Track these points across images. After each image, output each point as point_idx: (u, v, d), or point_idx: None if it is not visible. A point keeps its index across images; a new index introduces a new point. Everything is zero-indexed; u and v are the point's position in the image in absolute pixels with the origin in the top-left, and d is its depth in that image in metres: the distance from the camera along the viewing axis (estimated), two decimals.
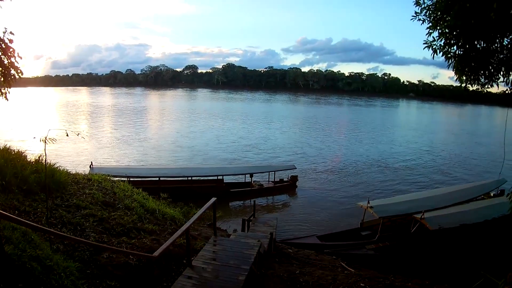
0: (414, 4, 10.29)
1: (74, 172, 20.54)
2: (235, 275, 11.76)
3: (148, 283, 10.65)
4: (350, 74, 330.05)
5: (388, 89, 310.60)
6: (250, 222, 26.35)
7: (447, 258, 25.44)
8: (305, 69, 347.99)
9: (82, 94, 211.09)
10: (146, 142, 67.33)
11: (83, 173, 21.49)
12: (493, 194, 36.52)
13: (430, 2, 10.15)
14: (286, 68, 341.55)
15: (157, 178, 36.46)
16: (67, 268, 9.17)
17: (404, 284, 15.84)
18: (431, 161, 62.88)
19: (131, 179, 32.58)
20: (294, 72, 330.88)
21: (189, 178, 38.27)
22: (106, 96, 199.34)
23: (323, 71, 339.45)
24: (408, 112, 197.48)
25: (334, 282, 14.43)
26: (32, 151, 18.76)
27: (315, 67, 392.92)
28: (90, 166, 34.83)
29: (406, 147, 75.55)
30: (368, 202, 28.28)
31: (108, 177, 21.47)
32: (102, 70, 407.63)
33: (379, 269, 19.48)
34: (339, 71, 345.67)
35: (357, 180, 48.19)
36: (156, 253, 9.91)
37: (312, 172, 50.43)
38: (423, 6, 10.20)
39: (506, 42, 8.70)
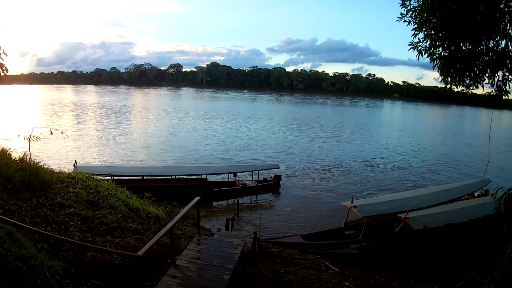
0: (400, 5, 10.41)
1: (58, 170, 20.51)
2: (220, 274, 11.80)
3: (132, 282, 10.69)
4: (334, 74, 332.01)
5: (373, 89, 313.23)
6: (234, 221, 26.47)
7: (432, 257, 25.71)
8: (289, 69, 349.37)
9: (67, 92, 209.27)
10: (130, 141, 67.05)
11: (67, 172, 21.47)
12: (478, 194, 36.84)
13: (416, 3, 10.27)
14: (271, 68, 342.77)
15: (141, 177, 36.45)
16: (52, 268, 9.16)
17: (388, 283, 15.96)
18: (418, 161, 63.48)
19: (115, 177, 32.52)
20: (279, 71, 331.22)
21: (173, 177, 38.18)
22: (91, 94, 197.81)
23: (308, 71, 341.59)
24: (394, 112, 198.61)
25: (319, 281, 14.52)
26: (17, 149, 18.73)
27: (299, 67, 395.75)
28: (74, 165, 34.68)
29: (393, 147, 76.16)
30: (352, 202, 28.38)
31: (92, 176, 21.44)
32: (87, 68, 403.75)
33: (363, 268, 19.62)
34: (324, 71, 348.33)
35: (341, 179, 48.38)
36: (140, 253, 9.96)
37: (296, 171, 50.59)
38: (409, 7, 10.32)
39: (492, 44, 8.81)
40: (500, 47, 8.47)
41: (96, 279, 10.46)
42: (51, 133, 10.80)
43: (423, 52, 9.48)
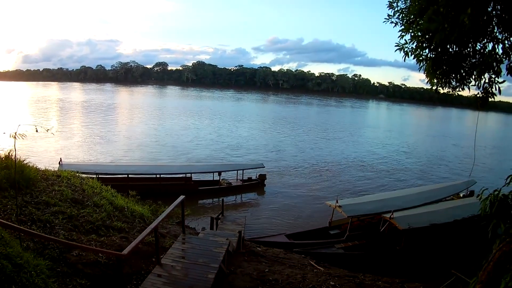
0: (387, 7, 10.45)
1: (43, 168, 20.40)
2: (205, 273, 11.83)
3: (118, 281, 10.66)
4: (320, 74, 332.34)
5: (358, 90, 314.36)
6: (219, 220, 26.39)
7: (418, 257, 25.88)
8: (275, 68, 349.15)
9: (53, 90, 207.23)
10: (116, 139, 66.59)
11: (53, 170, 21.37)
12: (463, 195, 37.11)
13: (403, 5, 10.32)
14: (256, 67, 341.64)
15: (126, 175, 36.36)
16: (38, 266, 9.10)
17: (374, 282, 16.04)
18: (407, 162, 63.91)
19: (99, 176, 32.32)
20: (264, 71, 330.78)
21: (158, 176, 38.06)
22: (77, 92, 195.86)
23: (293, 70, 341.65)
24: (381, 113, 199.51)
25: (304, 281, 14.56)
26: (2, 147, 18.59)
27: (285, 67, 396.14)
28: (59, 163, 34.43)
29: (381, 148, 76.45)
30: (337, 201, 28.46)
31: (77, 174, 21.37)
32: (73, 65, 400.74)
33: (348, 268, 19.70)
34: (309, 71, 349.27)
35: (327, 179, 48.55)
36: (125, 251, 9.92)
37: (282, 171, 50.59)
38: (396, 9, 10.36)
39: (479, 47, 8.86)
40: (487, 50, 8.52)
41: (82, 278, 10.45)
42: (37, 131, 10.74)
43: (410, 54, 9.43)
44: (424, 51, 9.20)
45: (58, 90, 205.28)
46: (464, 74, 9.34)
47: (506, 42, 8.24)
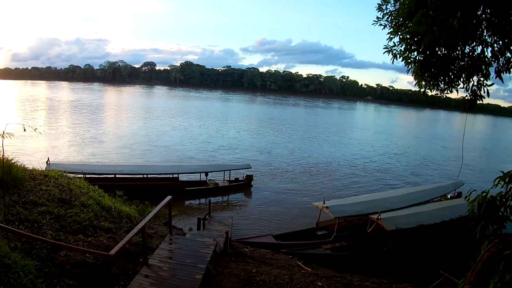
0: (377, 9, 10.47)
1: (31, 168, 20.29)
2: (192, 274, 11.82)
3: (105, 281, 10.62)
4: (308, 75, 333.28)
5: (346, 91, 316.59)
6: (206, 221, 26.41)
7: (405, 258, 25.98)
8: (263, 69, 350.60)
9: (42, 89, 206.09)
10: (104, 139, 66.03)
11: (40, 169, 21.26)
12: (450, 196, 37.36)
13: (392, 8, 10.35)
14: (244, 68, 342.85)
15: (113, 175, 36.19)
16: (26, 267, 9.07)
17: (362, 283, 16.10)
18: (398, 164, 64.50)
19: (87, 175, 32.21)
20: (252, 72, 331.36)
21: (145, 176, 37.91)
22: (65, 91, 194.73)
23: (281, 72, 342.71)
24: (370, 115, 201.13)
25: (291, 281, 14.58)
26: None
27: (273, 68, 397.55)
28: (47, 162, 34.18)
29: (370, 149, 77.00)
30: (324, 202, 28.52)
31: (65, 174, 21.28)
32: (61, 64, 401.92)
33: (336, 269, 19.76)
34: (297, 72, 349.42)
35: (314, 180, 48.61)
36: (112, 252, 9.93)
37: (269, 171, 50.60)
38: (385, 11, 10.38)
39: (468, 50, 8.88)
40: (476, 53, 8.55)
41: (70, 278, 10.40)
42: (24, 130, 10.70)
43: (398, 56, 9.43)
44: (412, 54, 9.20)
45: (47, 89, 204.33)
46: (452, 76, 9.35)
47: (495, 45, 8.27)
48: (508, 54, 8.31)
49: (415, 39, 8.82)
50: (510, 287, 5.98)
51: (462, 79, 9.25)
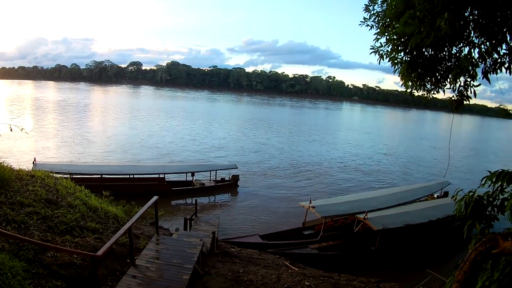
0: (364, 10, 10.50)
1: (17, 168, 20.14)
2: (179, 274, 11.82)
3: (93, 282, 10.58)
4: (294, 76, 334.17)
5: (332, 91, 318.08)
6: (192, 221, 26.36)
7: (393, 257, 26.13)
8: (249, 69, 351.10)
9: (28, 88, 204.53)
10: (91, 139, 65.60)
11: (27, 170, 21.11)
12: (437, 196, 37.64)
13: (379, 8, 10.39)
14: (230, 68, 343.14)
15: (99, 176, 36.12)
16: (13, 268, 9.03)
17: (349, 282, 16.16)
18: (384, 164, 65.07)
19: (73, 176, 32.05)
20: (238, 72, 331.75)
21: (131, 176, 37.82)
22: (52, 91, 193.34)
23: (267, 72, 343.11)
24: (357, 115, 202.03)
25: (279, 281, 14.62)
26: None
27: (259, 68, 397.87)
28: (33, 163, 34.00)
29: (357, 149, 77.73)
30: (310, 202, 28.64)
31: (51, 174, 21.16)
32: (48, 64, 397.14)
33: (323, 268, 19.82)
34: (283, 72, 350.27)
35: (301, 180, 48.83)
36: (100, 252, 9.87)
37: (255, 171, 50.68)
38: (372, 12, 10.42)
39: (455, 51, 8.92)
40: (463, 54, 8.59)
41: (57, 279, 10.35)
42: (11, 130, 10.64)
43: (385, 57, 9.43)
44: (399, 54, 9.21)
45: (34, 88, 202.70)
46: (439, 77, 9.39)
47: (482, 46, 8.32)
48: (495, 55, 8.36)
49: (402, 39, 8.84)
50: (499, 285, 6.05)
51: (449, 80, 9.28)
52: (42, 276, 10.13)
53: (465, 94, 9.03)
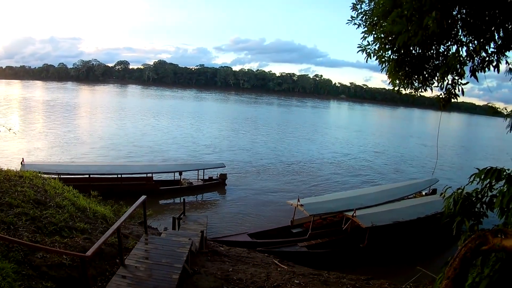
0: (351, 8, 10.54)
1: (5, 168, 20.03)
2: (169, 274, 11.84)
3: (83, 283, 10.56)
4: (281, 74, 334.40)
5: (319, 90, 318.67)
6: (181, 220, 26.35)
7: (382, 254, 26.26)
8: (236, 68, 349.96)
9: (16, 88, 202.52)
10: (79, 139, 64.98)
11: (15, 170, 21.00)
12: (425, 193, 37.91)
13: (367, 7, 10.43)
14: (217, 67, 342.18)
15: (87, 175, 35.94)
16: (3, 270, 9.01)
17: (339, 280, 16.22)
18: (374, 161, 65.22)
19: (61, 176, 31.92)
20: (225, 70, 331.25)
21: (119, 176, 37.69)
22: (40, 90, 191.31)
23: (254, 70, 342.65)
24: (345, 113, 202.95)
25: (268, 280, 14.66)
26: None
27: (246, 67, 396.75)
28: (21, 163, 33.82)
29: (347, 147, 77.86)
30: (298, 200, 28.65)
31: (40, 174, 21.06)
32: (36, 63, 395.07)
33: (312, 266, 19.88)
34: (271, 71, 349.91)
35: (289, 178, 48.86)
36: (89, 253, 9.87)
37: (243, 170, 50.66)
38: (359, 11, 10.46)
39: (443, 49, 8.97)
40: (451, 52, 8.64)
41: (47, 280, 10.30)
42: None
43: (372, 55, 9.49)
44: (387, 53, 9.27)
45: (22, 88, 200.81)
46: (427, 75, 9.46)
47: (470, 45, 8.38)
48: (484, 54, 8.43)
49: (390, 38, 8.90)
50: (489, 281, 6.11)
51: (436, 78, 9.36)
52: (32, 278, 10.08)
53: (453, 92, 9.10)
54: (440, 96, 9.46)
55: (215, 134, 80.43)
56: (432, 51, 9.06)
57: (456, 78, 8.78)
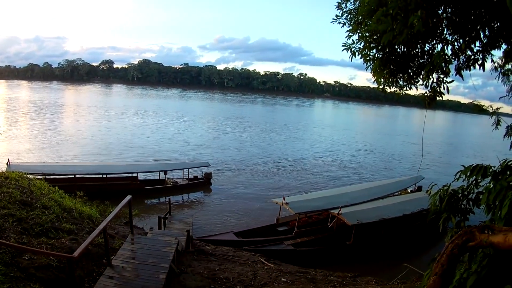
0: (336, 7, 10.59)
1: None
2: (155, 274, 11.88)
3: (70, 284, 10.52)
4: (265, 73, 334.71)
5: (304, 88, 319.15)
6: (166, 220, 26.33)
7: (369, 251, 26.39)
8: (220, 67, 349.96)
9: (1, 88, 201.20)
10: (64, 139, 64.51)
11: (0, 171, 20.88)
12: (410, 190, 38.13)
13: (352, 6, 10.48)
14: (202, 66, 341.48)
15: (73, 176, 35.73)
16: None
17: (326, 277, 16.27)
18: (362, 159, 65.68)
19: (47, 176, 31.71)
20: (210, 69, 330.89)
21: (104, 176, 37.55)
22: (26, 90, 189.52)
23: (239, 69, 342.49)
24: (329, 111, 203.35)
25: (255, 278, 14.68)
26: None
27: (230, 65, 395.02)
28: (7, 164, 33.62)
29: (333, 145, 78.53)
30: (284, 199, 28.66)
31: (25, 175, 20.93)
32: (20, 63, 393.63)
33: (299, 264, 19.94)
34: (255, 70, 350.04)
35: (274, 177, 49.01)
36: (76, 254, 9.86)
37: (228, 169, 50.66)
38: (344, 9, 10.51)
39: (428, 48, 9.03)
40: (436, 51, 8.69)
41: (35, 282, 10.25)
42: None
43: (357, 54, 9.54)
44: (371, 51, 9.32)
45: (7, 88, 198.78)
46: (412, 73, 9.52)
47: (455, 43, 8.45)
48: (469, 52, 8.50)
49: (375, 37, 8.93)
50: (477, 277, 6.18)
51: (421, 76, 9.42)
52: (20, 280, 10.03)
53: (438, 90, 9.15)
54: (425, 94, 9.51)
55: (200, 134, 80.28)
56: (417, 50, 9.12)
57: (441, 76, 8.81)
